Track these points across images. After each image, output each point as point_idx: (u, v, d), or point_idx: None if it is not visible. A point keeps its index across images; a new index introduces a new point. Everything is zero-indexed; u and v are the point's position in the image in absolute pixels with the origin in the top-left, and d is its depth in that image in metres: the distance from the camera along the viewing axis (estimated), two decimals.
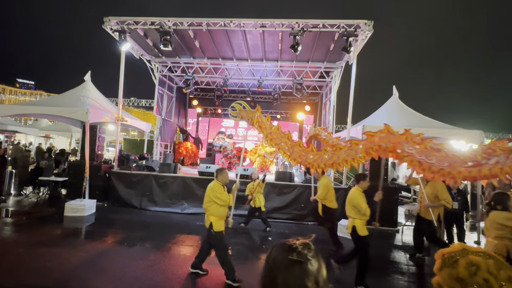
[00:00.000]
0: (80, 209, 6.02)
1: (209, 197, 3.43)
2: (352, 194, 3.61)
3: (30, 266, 3.53)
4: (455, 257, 0.85)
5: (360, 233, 3.48)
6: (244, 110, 4.02)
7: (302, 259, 0.77)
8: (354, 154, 3.03)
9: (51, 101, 7.77)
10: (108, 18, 7.46)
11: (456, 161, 2.56)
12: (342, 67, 9.18)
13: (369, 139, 2.97)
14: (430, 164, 2.63)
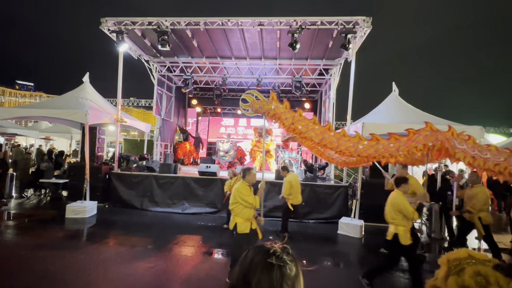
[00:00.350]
0: (81, 210, 6.04)
1: (235, 198, 3.30)
2: (395, 198, 3.24)
3: (32, 269, 3.54)
4: (462, 265, 0.84)
5: (402, 242, 3.13)
6: (258, 101, 3.40)
7: (281, 263, 0.74)
8: (393, 150, 2.74)
9: (50, 103, 7.77)
10: (105, 19, 7.43)
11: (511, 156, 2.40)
12: (341, 64, 9.14)
13: (411, 137, 2.73)
14: (485, 159, 2.49)
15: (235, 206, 3.31)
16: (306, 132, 2.97)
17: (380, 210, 6.33)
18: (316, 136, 2.91)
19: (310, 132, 2.96)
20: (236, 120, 14.10)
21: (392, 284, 3.73)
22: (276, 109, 3.15)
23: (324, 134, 2.90)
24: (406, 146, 2.73)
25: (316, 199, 6.77)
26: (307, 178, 7.32)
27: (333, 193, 6.77)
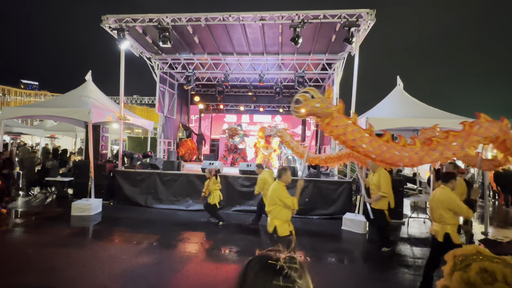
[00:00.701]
0: (87, 208, 6.10)
1: (273, 200, 3.12)
2: (444, 195, 2.95)
3: (39, 267, 3.60)
4: (468, 260, 0.81)
5: (455, 241, 2.91)
6: (313, 100, 2.72)
7: (290, 284, 0.62)
8: (457, 149, 2.45)
9: (54, 102, 7.81)
10: (106, 16, 7.40)
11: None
12: (344, 59, 9.02)
13: (469, 130, 2.45)
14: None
15: (274, 208, 3.13)
16: (360, 146, 2.52)
17: None
18: (374, 151, 2.50)
19: (367, 147, 2.51)
20: (238, 117, 14.07)
21: (397, 278, 3.71)
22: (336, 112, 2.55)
23: (382, 147, 2.51)
24: (468, 141, 2.41)
25: (319, 195, 6.75)
26: (311, 174, 7.29)
27: (337, 189, 6.74)
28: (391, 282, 3.64)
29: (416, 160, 2.45)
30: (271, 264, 0.65)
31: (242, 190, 6.98)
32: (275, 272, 0.63)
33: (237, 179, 7.05)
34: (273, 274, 0.63)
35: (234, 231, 5.51)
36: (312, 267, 4.05)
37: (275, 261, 0.65)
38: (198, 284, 3.34)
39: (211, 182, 5.64)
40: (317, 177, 7.05)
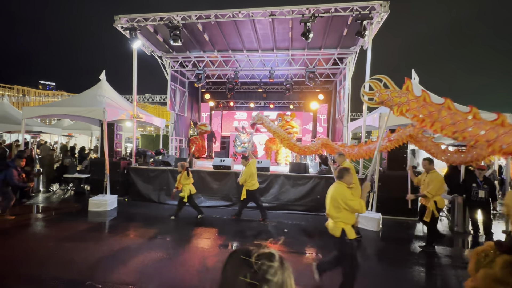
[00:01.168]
0: (103, 204, 6.30)
1: (337, 202, 2.89)
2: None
3: (59, 260, 3.75)
4: (491, 256, 0.78)
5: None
6: (386, 90, 2.70)
7: (258, 281, 0.61)
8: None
9: (70, 102, 8.06)
10: (119, 16, 7.54)
11: None
12: (356, 53, 8.82)
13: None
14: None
15: (338, 211, 2.91)
16: (464, 131, 2.25)
17: (398, 203, 6.17)
18: (487, 135, 2.21)
19: (475, 130, 2.23)
20: (249, 114, 14.06)
21: (413, 277, 3.63)
22: (411, 103, 2.47)
23: (498, 130, 2.22)
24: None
25: None
26: (322, 171, 7.21)
27: None
28: (405, 281, 3.56)
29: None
30: (245, 259, 0.64)
31: None
32: (246, 267, 0.63)
33: None
34: (244, 269, 0.63)
35: (245, 228, 5.55)
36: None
37: (249, 256, 0.64)
38: (210, 278, 3.39)
39: (183, 177, 5.77)
40: (329, 174, 6.96)
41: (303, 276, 3.62)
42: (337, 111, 11.18)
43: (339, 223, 2.92)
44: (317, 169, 7.56)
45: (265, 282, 0.61)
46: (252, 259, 0.64)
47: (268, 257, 0.65)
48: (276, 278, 0.63)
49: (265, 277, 0.62)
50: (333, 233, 2.96)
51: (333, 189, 3.01)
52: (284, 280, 0.65)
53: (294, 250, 4.43)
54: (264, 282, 0.61)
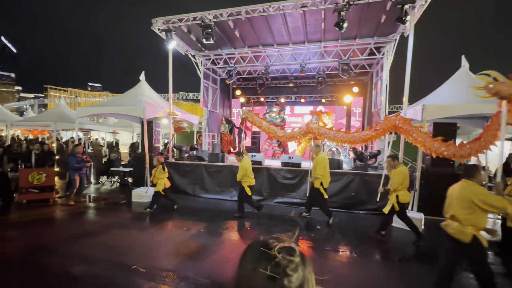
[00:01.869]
0: (144, 195, 6.81)
1: (470, 203, 2.58)
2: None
3: (109, 244, 4.16)
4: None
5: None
6: (499, 83, 2.71)
7: (278, 275, 0.59)
8: None
9: (115, 102, 8.78)
10: (156, 19, 7.96)
11: None
12: (396, 41, 8.20)
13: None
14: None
15: (469, 212, 2.59)
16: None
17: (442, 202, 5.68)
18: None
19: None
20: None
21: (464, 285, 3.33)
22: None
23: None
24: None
25: (366, 189, 6.37)
26: (357, 167, 6.91)
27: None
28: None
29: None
30: (264, 251, 0.62)
31: (284, 182, 6.98)
32: (266, 259, 0.61)
33: (279, 171, 7.05)
34: (263, 261, 0.61)
35: (277, 223, 5.57)
36: (358, 263, 3.88)
37: (269, 249, 0.63)
38: None
39: (158, 171, 5.93)
40: (364, 170, 6.65)
41: (336, 274, 3.54)
42: (373, 104, 10.56)
43: (469, 227, 2.60)
44: (352, 165, 7.26)
45: (286, 276, 0.59)
46: (273, 252, 0.62)
47: (288, 251, 0.64)
48: (297, 273, 0.61)
49: (286, 271, 0.60)
50: (459, 237, 2.64)
51: (462, 188, 2.72)
52: (305, 276, 0.62)
53: (327, 248, 4.34)
54: (285, 276, 0.59)
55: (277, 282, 0.59)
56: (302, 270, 0.62)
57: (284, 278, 0.59)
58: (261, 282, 0.59)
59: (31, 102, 34.86)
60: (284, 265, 0.60)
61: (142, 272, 3.35)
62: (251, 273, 0.61)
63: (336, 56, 9.57)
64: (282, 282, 0.59)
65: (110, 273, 3.31)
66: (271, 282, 0.59)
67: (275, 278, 0.59)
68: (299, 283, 0.60)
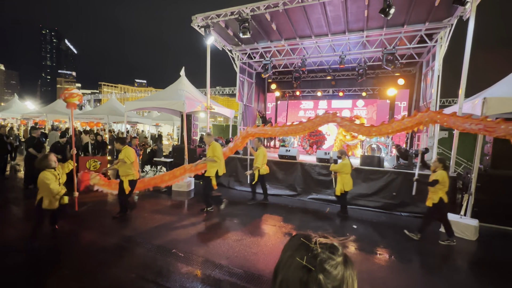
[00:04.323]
0: (183, 185, 7.21)
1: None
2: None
3: (152, 228, 4.51)
4: None
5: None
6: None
7: (314, 267, 0.58)
8: None
9: (157, 96, 9.37)
10: (195, 16, 8.23)
11: None
12: (452, 26, 7.30)
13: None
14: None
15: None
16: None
17: (505, 209, 5.00)
18: None
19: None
20: (315, 103, 13.54)
21: None
22: None
23: None
24: None
25: (410, 190, 5.88)
26: (400, 166, 6.41)
27: None
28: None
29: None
30: (304, 242, 0.63)
31: (319, 178, 6.79)
32: (304, 250, 0.61)
33: (314, 167, 6.88)
34: (301, 251, 0.61)
35: (311, 218, 5.47)
36: (400, 269, 3.62)
37: (309, 241, 0.63)
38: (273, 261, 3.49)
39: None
40: (408, 169, 6.14)
41: (372, 277, 3.36)
42: (421, 97, 9.63)
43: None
44: (394, 163, 6.76)
45: (322, 270, 0.58)
46: (312, 244, 0.62)
47: (330, 248, 0.62)
48: (335, 271, 0.59)
49: (323, 266, 0.59)
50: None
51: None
52: (345, 277, 0.60)
53: (364, 249, 4.13)
54: (320, 270, 0.58)
55: (312, 274, 0.58)
56: (342, 269, 0.60)
57: (320, 273, 0.58)
58: (296, 271, 0.59)
59: (88, 98, 39.11)
60: (322, 259, 0.59)
61: (180, 256, 3.57)
62: (288, 260, 0.62)
63: (380, 45, 8.90)
64: (317, 275, 0.57)
65: (152, 254, 3.59)
66: (306, 273, 0.58)
67: (310, 270, 0.58)
68: (337, 284, 0.58)
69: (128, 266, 3.30)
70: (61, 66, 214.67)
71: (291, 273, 0.60)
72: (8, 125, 17.19)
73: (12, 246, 3.70)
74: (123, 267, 3.28)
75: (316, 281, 0.57)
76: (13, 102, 17.32)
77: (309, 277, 0.58)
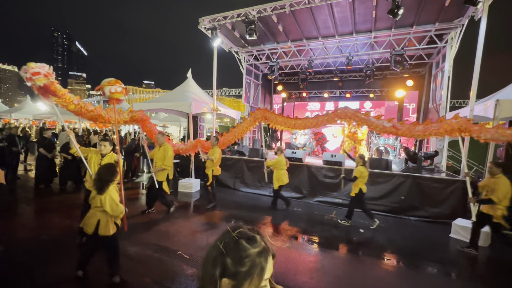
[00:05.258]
0: (189, 186, 7.25)
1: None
2: None
3: (158, 229, 4.54)
4: None
5: None
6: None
7: (225, 251, 0.73)
8: None
9: (165, 98, 9.46)
10: (202, 18, 8.29)
11: None
12: (463, 26, 7.15)
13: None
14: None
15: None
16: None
17: None
18: None
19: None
20: (322, 104, 13.44)
21: None
22: None
23: None
24: None
25: (419, 194, 5.77)
26: (408, 169, 6.29)
27: (445, 189, 5.58)
28: None
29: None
30: (229, 231, 0.78)
31: (325, 181, 6.72)
32: (227, 237, 0.76)
33: (320, 170, 6.82)
34: (224, 238, 0.77)
35: (316, 222, 5.41)
36: (408, 275, 3.54)
37: (233, 230, 0.77)
38: (282, 268, 3.47)
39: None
40: (417, 173, 6.02)
41: (378, 282, 3.30)
42: (431, 98, 9.45)
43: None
44: (402, 166, 6.64)
45: (232, 254, 0.71)
46: (233, 233, 0.75)
47: (248, 238, 0.74)
48: (246, 259, 0.71)
49: (235, 251, 0.71)
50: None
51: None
52: (255, 264, 0.72)
53: (371, 254, 4.06)
54: (230, 254, 0.71)
55: (222, 256, 0.72)
56: (253, 258, 0.72)
57: (228, 257, 0.71)
58: (214, 250, 0.74)
59: (98, 99, 39.88)
60: (235, 246, 0.72)
61: (186, 258, 3.58)
62: (214, 244, 0.76)
63: (388, 46, 8.79)
64: (225, 258, 0.71)
65: (158, 256, 3.61)
66: (219, 254, 0.72)
67: (222, 252, 0.72)
68: (245, 269, 0.70)
69: (143, 271, 3.33)
70: (72, 67, 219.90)
71: (209, 252, 0.75)
72: (21, 125, 17.65)
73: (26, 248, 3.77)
74: (137, 272, 3.31)
75: (223, 262, 0.71)
76: (26, 103, 17.78)
77: (219, 257, 0.71)
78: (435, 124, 4.90)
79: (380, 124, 5.35)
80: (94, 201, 2.76)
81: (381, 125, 5.34)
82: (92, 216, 2.78)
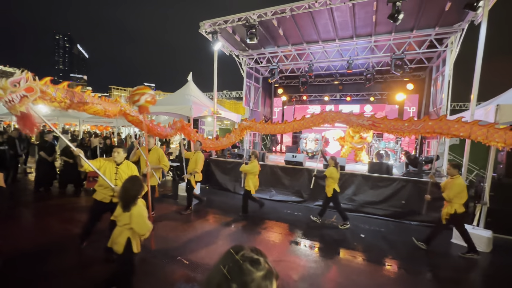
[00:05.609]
0: None
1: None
2: None
3: (158, 234, 4.51)
4: None
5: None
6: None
7: (231, 276, 0.68)
8: None
9: (165, 101, 9.47)
10: (203, 22, 8.33)
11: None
12: (463, 30, 7.17)
13: None
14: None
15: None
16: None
17: None
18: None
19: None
20: (322, 107, 13.43)
21: None
22: None
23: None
24: None
25: (420, 198, 5.72)
26: (409, 173, 6.27)
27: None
28: None
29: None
30: (231, 253, 0.73)
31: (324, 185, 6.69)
32: (230, 261, 0.71)
33: (321, 174, 6.79)
34: (227, 261, 0.72)
35: (316, 226, 5.38)
36: (409, 281, 3.51)
37: (236, 253, 0.73)
38: (283, 275, 3.44)
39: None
40: (417, 177, 6.00)
41: None
42: (431, 102, 9.45)
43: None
44: (403, 170, 6.63)
45: (237, 280, 0.67)
46: (237, 256, 0.71)
47: (252, 261, 0.71)
48: (252, 283, 0.68)
49: (240, 276, 0.68)
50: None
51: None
52: (266, 274, 0.71)
53: (372, 260, 4.03)
54: (236, 280, 0.67)
55: (227, 281, 0.67)
56: (259, 282, 0.69)
57: (234, 282, 0.67)
58: (217, 276, 0.70)
59: None
60: (241, 271, 0.68)
61: (185, 263, 3.56)
62: (217, 268, 0.72)
63: (388, 50, 8.81)
64: (231, 284, 0.67)
65: (158, 261, 3.58)
66: (224, 280, 0.68)
67: (228, 278, 0.68)
68: (262, 273, 0.70)
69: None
70: (73, 70, 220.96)
71: (212, 276, 0.71)
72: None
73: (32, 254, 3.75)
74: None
75: (241, 268, 0.69)
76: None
77: (224, 283, 0.68)
78: (418, 122, 4.79)
79: (360, 122, 5.29)
80: (122, 218, 2.51)
81: (361, 123, 5.29)
82: (120, 234, 2.52)
